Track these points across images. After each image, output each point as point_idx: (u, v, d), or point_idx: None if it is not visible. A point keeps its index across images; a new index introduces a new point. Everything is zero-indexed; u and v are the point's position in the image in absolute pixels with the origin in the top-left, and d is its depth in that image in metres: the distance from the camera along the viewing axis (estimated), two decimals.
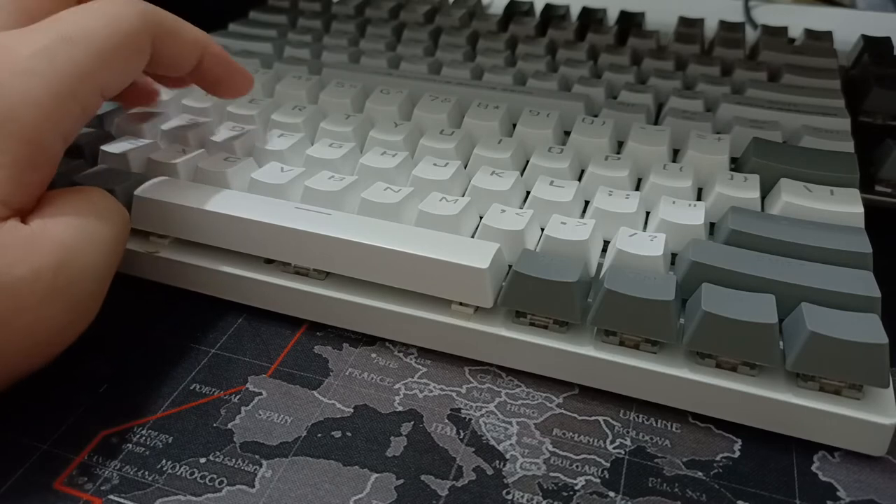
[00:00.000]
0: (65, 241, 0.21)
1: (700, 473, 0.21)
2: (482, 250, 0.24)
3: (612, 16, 0.47)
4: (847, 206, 0.26)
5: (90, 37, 0.22)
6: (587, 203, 0.28)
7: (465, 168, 0.29)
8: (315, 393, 0.24)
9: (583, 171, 0.29)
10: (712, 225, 0.27)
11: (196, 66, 0.26)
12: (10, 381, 0.21)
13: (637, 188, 0.29)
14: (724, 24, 0.43)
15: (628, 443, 0.22)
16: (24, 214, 0.21)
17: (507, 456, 0.22)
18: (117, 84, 0.23)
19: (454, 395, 0.24)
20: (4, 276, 0.19)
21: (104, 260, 0.22)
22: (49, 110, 0.21)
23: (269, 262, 0.27)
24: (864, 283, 0.23)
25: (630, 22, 0.45)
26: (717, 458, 0.22)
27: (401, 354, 0.25)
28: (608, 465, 0.22)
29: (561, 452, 0.22)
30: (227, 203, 0.26)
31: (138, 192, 0.27)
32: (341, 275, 0.25)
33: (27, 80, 0.21)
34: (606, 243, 0.26)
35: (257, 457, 0.22)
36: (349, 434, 0.22)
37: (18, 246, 0.20)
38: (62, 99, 0.21)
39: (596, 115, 0.33)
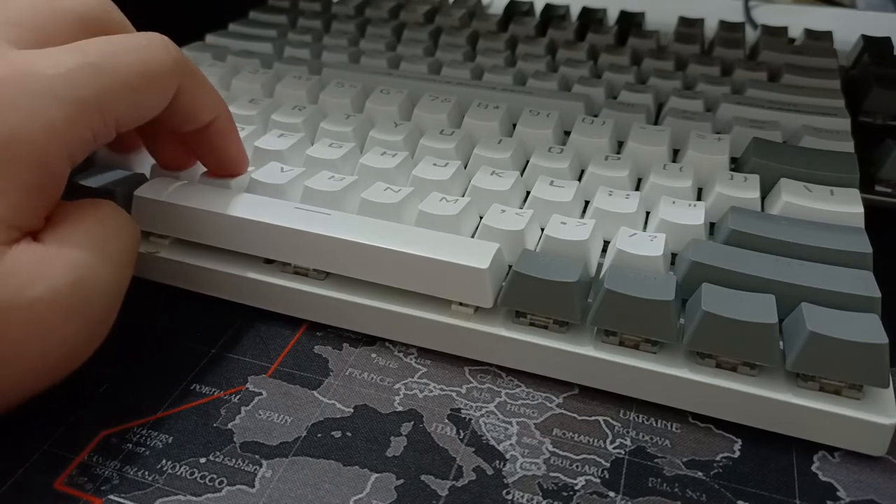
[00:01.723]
0: (79, 258, 0.20)
1: (700, 473, 0.21)
2: (482, 250, 0.24)
3: (612, 16, 0.47)
4: (847, 206, 0.26)
5: (117, 68, 0.21)
6: (587, 203, 0.28)
7: (465, 168, 0.29)
8: (315, 393, 0.24)
9: (583, 171, 0.29)
10: (712, 225, 0.27)
11: (208, 125, 0.25)
12: (25, 399, 0.21)
13: (637, 188, 0.29)
14: (724, 24, 0.43)
15: (628, 443, 0.22)
16: (35, 233, 0.21)
17: (507, 456, 0.22)
18: (133, 119, 0.23)
19: (454, 395, 0.24)
20: (21, 297, 0.19)
21: (118, 275, 0.22)
22: (61, 135, 0.20)
23: (269, 262, 0.27)
24: (864, 283, 0.23)
25: (630, 22, 0.45)
26: (717, 458, 0.22)
27: (401, 354, 0.25)
28: (608, 465, 0.22)
29: (561, 452, 0.22)
30: (227, 203, 0.26)
31: (138, 192, 0.27)
32: (341, 275, 0.25)
33: (44, 102, 0.20)
34: (606, 243, 0.26)
35: (257, 457, 0.22)
36: (349, 434, 0.22)
37: (33, 266, 0.20)
38: (76, 126, 0.21)
39: (596, 115, 0.33)
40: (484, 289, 0.23)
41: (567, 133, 0.32)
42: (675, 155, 0.31)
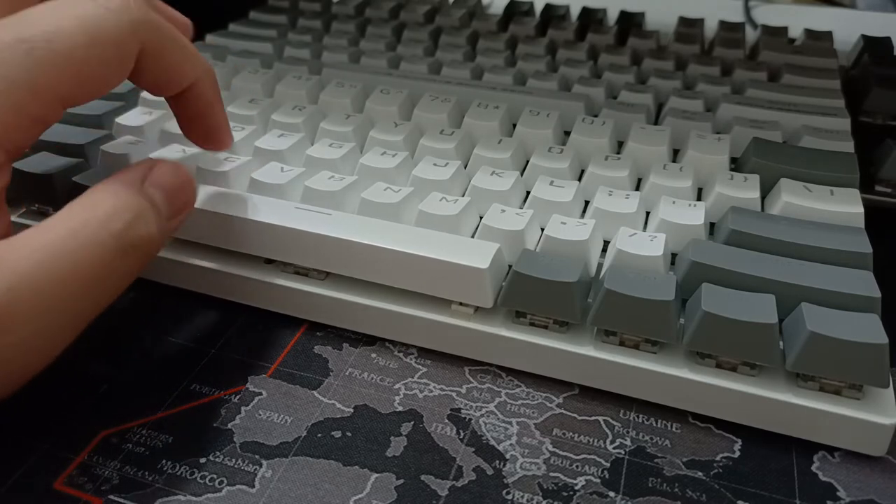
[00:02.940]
0: (17, 270, 0.18)
1: (700, 473, 0.21)
2: (482, 250, 0.24)
3: (612, 16, 0.47)
4: (847, 206, 0.26)
5: (55, 41, 0.19)
6: (587, 203, 0.28)
7: (465, 168, 0.29)
8: (315, 393, 0.24)
9: (583, 171, 0.29)
10: (712, 225, 0.27)
11: (187, 89, 0.23)
12: None
13: (637, 188, 0.29)
14: (724, 24, 0.43)
15: (628, 443, 0.22)
16: None
17: (507, 456, 0.22)
18: (84, 95, 0.20)
19: (454, 395, 0.24)
20: None
21: (77, 294, 0.19)
22: None
23: (269, 262, 0.27)
24: (864, 283, 0.23)
25: (630, 22, 0.45)
26: (717, 458, 0.22)
27: (401, 354, 0.25)
28: (608, 465, 0.22)
29: (561, 452, 0.22)
30: (227, 203, 0.26)
31: None
32: (341, 275, 0.25)
33: None
34: (606, 243, 0.26)
35: (257, 457, 0.22)
36: (349, 434, 0.22)
37: None
38: (9, 111, 0.18)
39: (596, 115, 0.33)
40: (484, 289, 0.23)
41: (567, 133, 0.32)
42: (675, 155, 0.31)
